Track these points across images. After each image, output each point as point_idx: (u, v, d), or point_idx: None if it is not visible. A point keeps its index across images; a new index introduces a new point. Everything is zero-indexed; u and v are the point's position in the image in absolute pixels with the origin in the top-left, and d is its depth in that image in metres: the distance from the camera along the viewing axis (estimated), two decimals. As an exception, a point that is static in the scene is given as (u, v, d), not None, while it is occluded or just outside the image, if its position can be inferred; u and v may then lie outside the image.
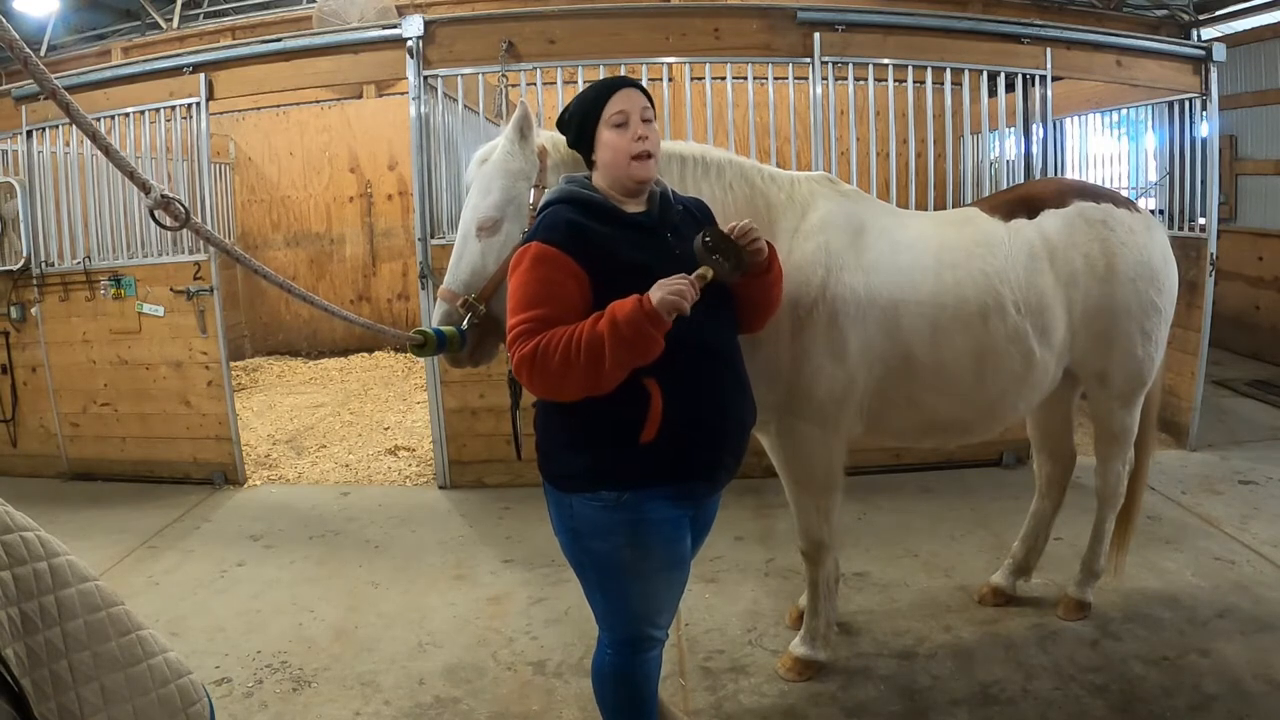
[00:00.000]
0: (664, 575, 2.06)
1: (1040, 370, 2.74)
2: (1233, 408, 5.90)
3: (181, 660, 1.32)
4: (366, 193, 8.67)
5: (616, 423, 1.92)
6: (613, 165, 2.02)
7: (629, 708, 2.16)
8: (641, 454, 1.92)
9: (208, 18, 9.30)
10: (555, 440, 2.01)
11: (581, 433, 1.96)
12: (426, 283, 4.59)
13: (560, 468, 2.00)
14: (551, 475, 2.04)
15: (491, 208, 2.27)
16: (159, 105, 4.87)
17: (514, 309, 1.89)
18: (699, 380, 1.96)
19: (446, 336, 2.19)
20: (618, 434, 1.92)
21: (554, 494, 2.04)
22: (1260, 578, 3.46)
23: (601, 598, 2.09)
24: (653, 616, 2.10)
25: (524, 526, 4.29)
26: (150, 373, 5.06)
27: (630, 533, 1.97)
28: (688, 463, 1.98)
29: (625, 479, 1.94)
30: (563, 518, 2.03)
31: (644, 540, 1.99)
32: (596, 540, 2.00)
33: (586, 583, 2.11)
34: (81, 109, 1.42)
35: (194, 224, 1.55)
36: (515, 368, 1.88)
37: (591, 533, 2.00)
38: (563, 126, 2.13)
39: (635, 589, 2.05)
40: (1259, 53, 7.09)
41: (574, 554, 2.07)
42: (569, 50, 4.53)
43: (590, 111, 2.03)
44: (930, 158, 4.77)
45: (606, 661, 2.14)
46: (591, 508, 1.96)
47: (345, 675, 3.01)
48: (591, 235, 1.92)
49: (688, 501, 2.04)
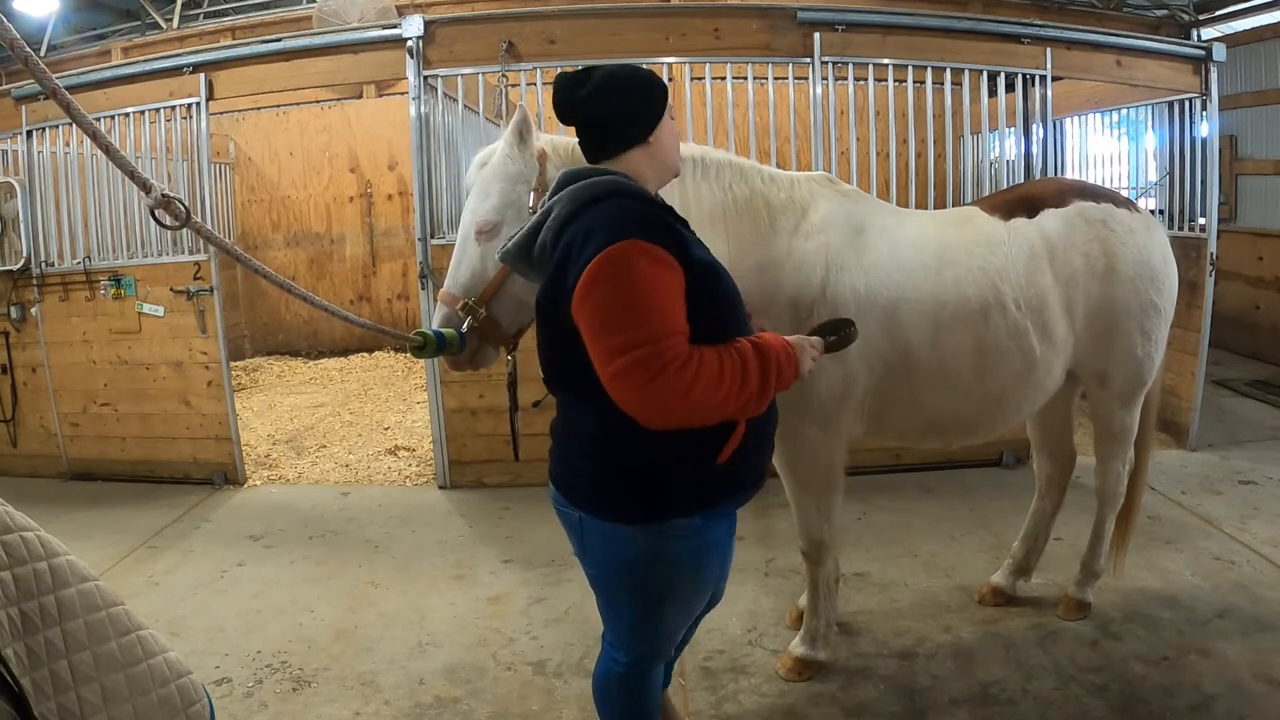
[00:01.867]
0: (705, 595, 1.99)
1: (1042, 370, 2.74)
2: (1233, 408, 5.90)
3: (181, 660, 1.32)
4: (366, 193, 8.67)
5: (697, 445, 1.75)
6: (669, 156, 1.93)
7: (635, 716, 2.09)
8: (715, 475, 1.79)
9: (208, 18, 9.31)
10: (610, 469, 1.78)
11: (651, 461, 1.74)
12: (426, 283, 4.59)
13: (618, 499, 1.78)
14: (603, 507, 1.81)
15: (490, 211, 2.27)
16: (159, 105, 4.87)
17: (635, 321, 1.58)
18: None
19: (446, 339, 2.19)
20: (696, 457, 1.76)
21: (602, 526, 1.82)
22: (1260, 578, 3.46)
23: (636, 622, 1.95)
24: (678, 634, 2.05)
25: (524, 526, 4.29)
26: (150, 373, 5.06)
27: (695, 560, 1.85)
28: (749, 475, 1.88)
29: (697, 504, 1.80)
30: (613, 550, 1.83)
31: (705, 564, 1.88)
32: (656, 570, 1.84)
33: (619, 606, 1.94)
34: (82, 109, 1.42)
35: (194, 223, 1.55)
36: (655, 394, 1.58)
37: (650, 563, 1.82)
38: (626, 114, 1.84)
39: (674, 611, 1.95)
40: (1259, 53, 7.09)
41: (619, 584, 1.90)
42: (569, 50, 4.53)
43: (660, 101, 1.87)
44: (930, 158, 4.77)
45: (616, 674, 2.02)
46: (656, 538, 1.79)
47: (345, 675, 3.01)
48: (677, 233, 1.73)
49: (734, 514, 1.96)
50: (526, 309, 2.37)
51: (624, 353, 1.58)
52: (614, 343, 1.60)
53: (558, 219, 1.75)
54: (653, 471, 1.75)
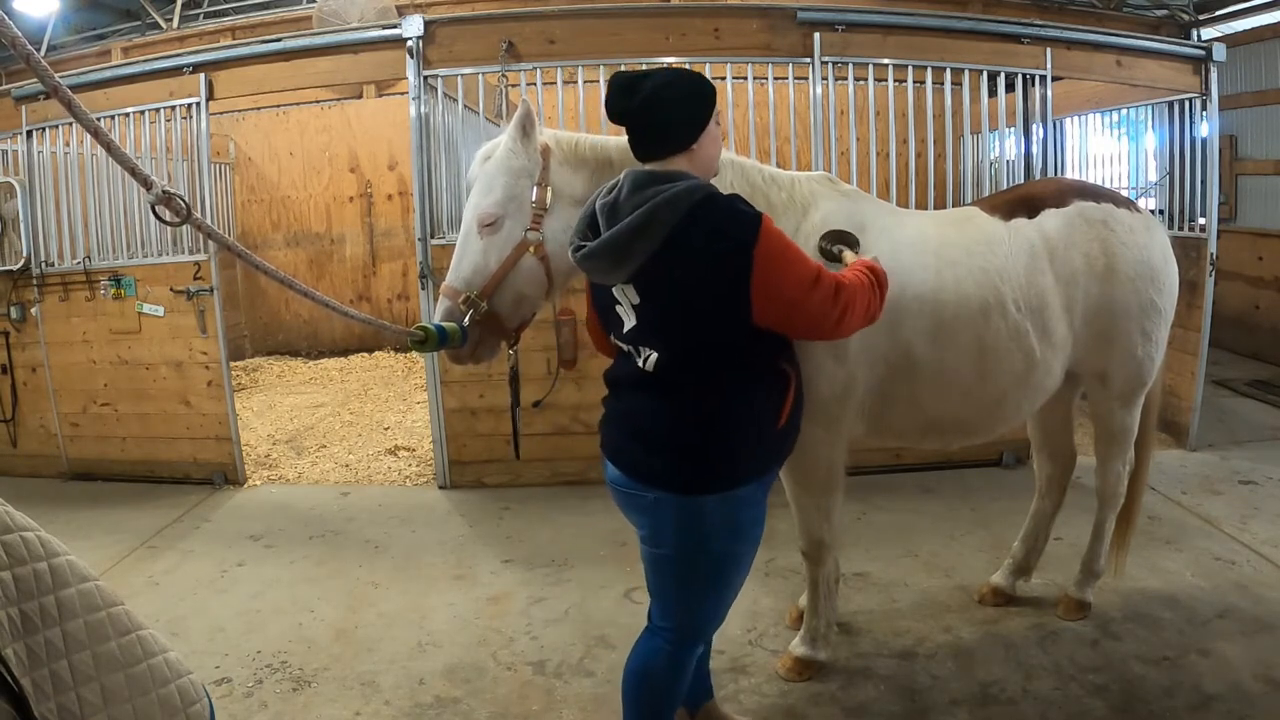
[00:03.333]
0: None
1: (1042, 370, 2.73)
2: (1233, 408, 5.90)
3: (181, 660, 1.31)
4: (366, 193, 8.67)
5: (761, 411, 1.96)
6: (711, 161, 2.04)
7: (670, 703, 2.15)
8: (772, 440, 2.00)
9: (208, 18, 9.30)
10: (688, 444, 1.93)
11: (727, 430, 1.93)
12: (426, 283, 4.59)
13: (698, 471, 1.92)
14: (683, 482, 1.93)
15: (493, 205, 2.28)
16: (159, 105, 4.87)
17: (811, 265, 1.90)
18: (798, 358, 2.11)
19: (447, 333, 2.19)
20: (760, 421, 1.96)
21: (681, 502, 1.93)
22: (1260, 578, 3.46)
23: (709, 601, 2.04)
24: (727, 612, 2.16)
25: (524, 526, 4.29)
26: (150, 373, 5.06)
27: (757, 528, 2.02)
28: (790, 441, 2.10)
29: (758, 471, 1.98)
30: (692, 525, 1.94)
31: (760, 533, 2.05)
32: (729, 541, 1.97)
33: (692, 584, 2.02)
34: (83, 106, 1.42)
35: (195, 219, 1.54)
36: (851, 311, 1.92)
37: (725, 533, 1.96)
38: (678, 121, 1.95)
39: (738, 582, 2.07)
40: (1259, 53, 7.09)
41: (696, 559, 1.98)
42: (569, 50, 4.53)
43: (709, 110, 1.99)
44: (930, 158, 4.77)
45: (664, 658, 2.09)
46: (730, 507, 1.94)
47: (345, 675, 3.01)
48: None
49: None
50: (528, 303, 2.38)
51: (820, 282, 1.87)
52: (810, 278, 1.87)
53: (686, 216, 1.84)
54: (728, 441, 1.92)
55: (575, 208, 2.40)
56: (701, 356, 1.92)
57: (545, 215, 2.32)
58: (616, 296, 2.01)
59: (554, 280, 2.38)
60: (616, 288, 1.99)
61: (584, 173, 2.40)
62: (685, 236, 1.84)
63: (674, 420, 1.95)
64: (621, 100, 1.93)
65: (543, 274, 2.34)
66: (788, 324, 1.93)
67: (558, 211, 2.35)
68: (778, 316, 1.89)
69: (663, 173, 1.93)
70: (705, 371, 1.92)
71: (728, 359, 1.92)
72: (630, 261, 1.89)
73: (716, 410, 1.93)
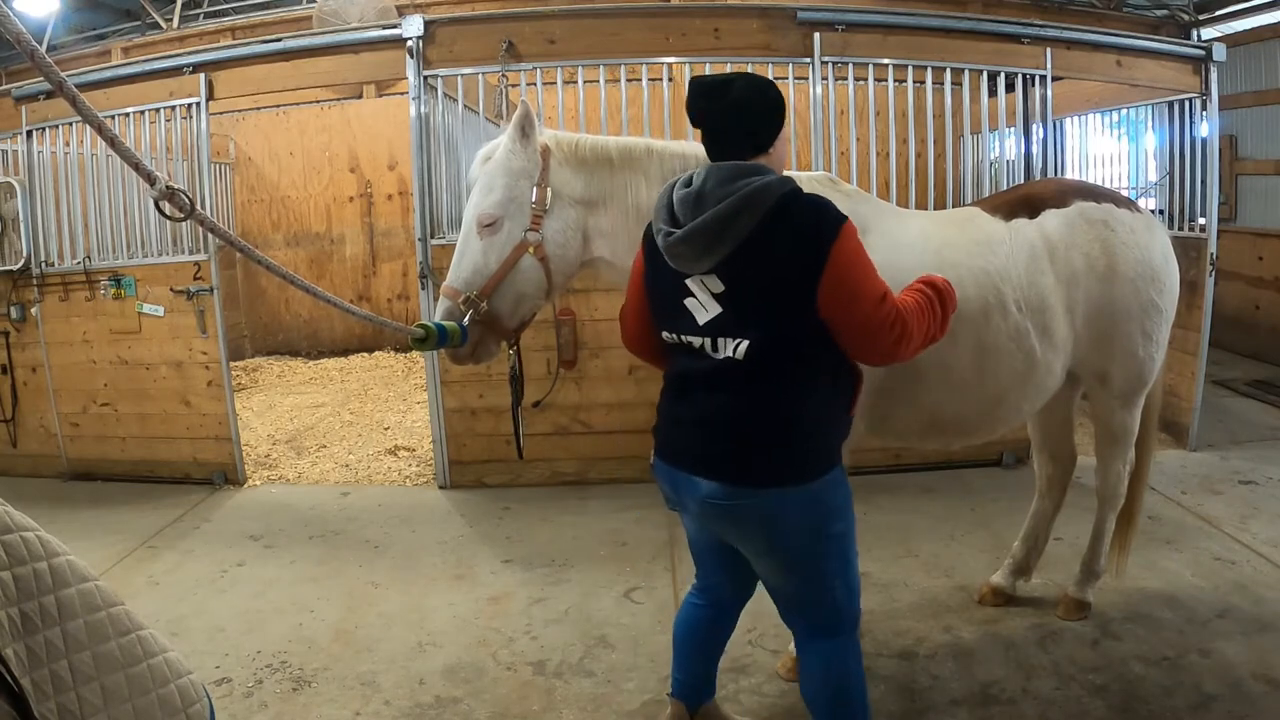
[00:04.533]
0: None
1: (1042, 370, 2.73)
2: (1233, 408, 5.90)
3: (181, 660, 1.31)
4: (366, 193, 8.67)
5: (842, 394, 2.05)
6: (785, 160, 2.10)
7: (864, 691, 2.17)
8: (847, 425, 2.10)
9: (208, 18, 9.30)
10: (802, 434, 1.97)
11: (825, 419, 2.01)
12: (426, 283, 4.59)
13: (810, 459, 1.97)
14: (801, 472, 1.96)
15: (493, 206, 2.28)
16: (159, 105, 4.87)
17: (878, 280, 1.95)
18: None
19: (448, 331, 2.20)
20: (843, 404, 2.06)
21: (799, 494, 1.96)
22: (1260, 578, 3.46)
23: (846, 576, 2.09)
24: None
25: (524, 526, 4.29)
26: (150, 373, 5.06)
27: (851, 503, 2.09)
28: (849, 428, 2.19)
29: (840, 453, 2.07)
30: (808, 514, 1.98)
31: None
32: (842, 517, 2.04)
33: (827, 571, 2.06)
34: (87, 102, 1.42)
35: (199, 214, 1.54)
36: (907, 336, 1.95)
37: (840, 510, 2.04)
38: (758, 128, 2.01)
39: (856, 557, 2.13)
40: (1259, 53, 7.09)
41: (823, 544, 2.03)
42: (569, 50, 4.53)
43: (783, 119, 2.04)
44: (930, 158, 4.77)
45: (840, 654, 2.12)
46: (832, 488, 2.00)
47: (345, 675, 3.01)
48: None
49: None
50: (528, 303, 2.38)
51: (885, 302, 1.92)
52: (877, 296, 1.92)
53: (777, 204, 1.89)
54: (825, 424, 2.01)
55: (575, 208, 2.41)
56: (791, 341, 1.94)
57: (545, 216, 2.32)
58: (691, 288, 1.98)
59: (553, 280, 2.39)
60: (693, 279, 1.97)
61: (584, 173, 2.40)
62: (776, 224, 1.88)
63: (773, 410, 1.94)
64: (708, 103, 1.97)
65: (542, 274, 2.35)
66: (845, 330, 1.94)
67: (557, 212, 2.35)
68: (839, 319, 1.92)
69: (748, 166, 1.96)
70: (797, 356, 1.94)
71: (812, 344, 1.95)
72: (721, 247, 1.89)
73: (813, 394, 1.97)
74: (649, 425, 2.15)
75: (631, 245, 2.43)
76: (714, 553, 2.25)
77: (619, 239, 2.43)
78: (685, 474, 2.01)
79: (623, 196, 2.42)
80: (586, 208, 2.42)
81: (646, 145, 2.48)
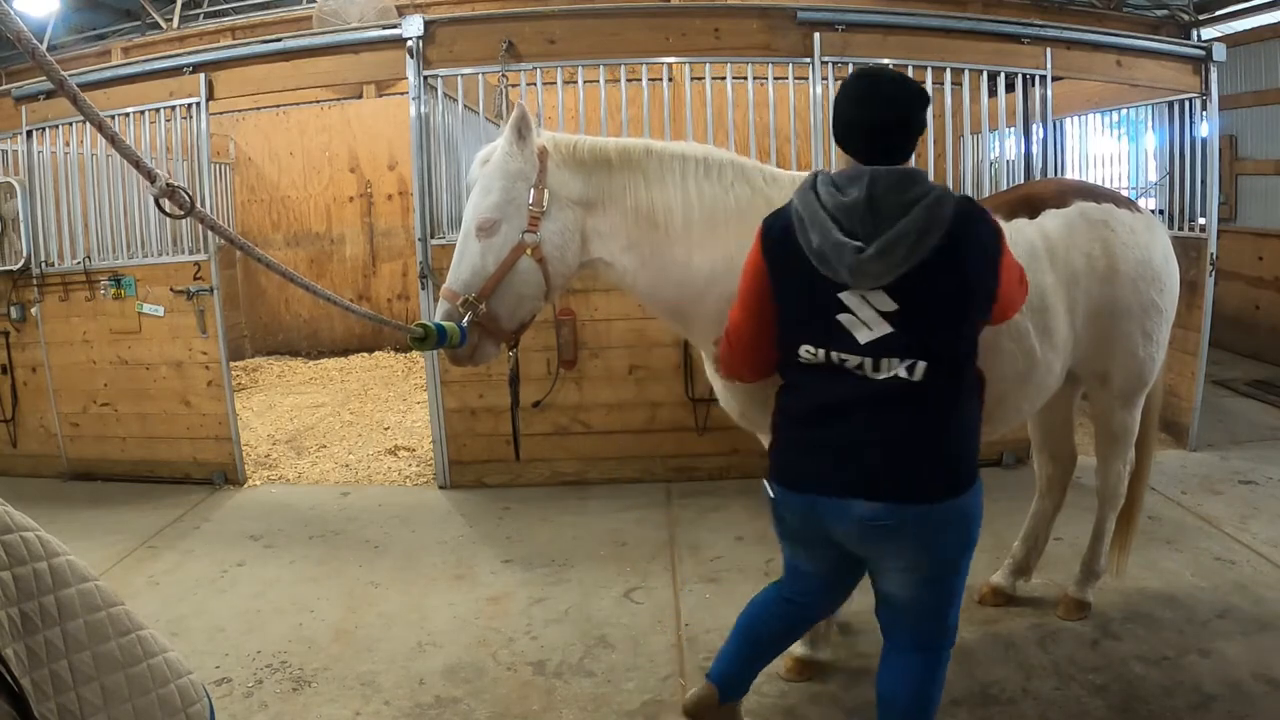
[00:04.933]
0: None
1: (1043, 370, 2.73)
2: (1233, 408, 5.89)
3: (181, 660, 1.31)
4: (366, 193, 8.67)
5: (981, 405, 2.08)
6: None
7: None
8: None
9: (208, 18, 9.30)
10: (965, 445, 2.00)
11: (974, 428, 2.04)
12: (426, 283, 4.59)
13: (964, 470, 1.97)
14: (957, 486, 1.94)
15: (490, 209, 2.28)
16: (159, 105, 4.87)
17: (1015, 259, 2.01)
18: None
19: (447, 332, 2.20)
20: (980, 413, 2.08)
21: (958, 503, 1.93)
22: (1260, 578, 3.46)
23: (962, 593, 2.12)
24: None
25: (524, 526, 4.29)
26: (150, 373, 5.06)
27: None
28: None
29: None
30: (964, 522, 1.99)
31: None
32: (979, 526, 2.05)
33: (960, 588, 2.09)
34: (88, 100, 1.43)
35: (199, 212, 1.55)
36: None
37: (979, 520, 2.04)
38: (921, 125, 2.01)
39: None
40: (1259, 53, 7.08)
41: (964, 557, 2.05)
42: (569, 50, 4.53)
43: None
44: (930, 158, 4.77)
45: (936, 671, 2.14)
46: (979, 493, 2.00)
47: (345, 675, 3.01)
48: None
49: None
50: (526, 305, 2.38)
51: (1025, 277, 2.06)
52: (1021, 275, 2.05)
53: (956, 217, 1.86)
54: (977, 436, 2.06)
55: (573, 209, 2.40)
56: (962, 356, 1.95)
57: (542, 217, 2.32)
58: (848, 304, 1.88)
59: (552, 282, 2.38)
60: (851, 295, 1.87)
61: (582, 175, 2.40)
62: (960, 240, 1.86)
63: (943, 427, 1.92)
64: (883, 111, 1.91)
65: (540, 276, 2.35)
66: (1000, 317, 2.04)
67: (555, 213, 2.35)
68: (1001, 311, 2.01)
69: (913, 171, 1.92)
70: (962, 370, 1.95)
71: (971, 355, 1.98)
72: (908, 261, 1.82)
73: (970, 404, 2.01)
74: (649, 425, 2.14)
75: (631, 246, 2.43)
76: (829, 574, 2.19)
77: (618, 240, 2.43)
78: (833, 499, 1.94)
79: (621, 198, 2.41)
80: (585, 209, 2.41)
81: (645, 146, 2.47)
